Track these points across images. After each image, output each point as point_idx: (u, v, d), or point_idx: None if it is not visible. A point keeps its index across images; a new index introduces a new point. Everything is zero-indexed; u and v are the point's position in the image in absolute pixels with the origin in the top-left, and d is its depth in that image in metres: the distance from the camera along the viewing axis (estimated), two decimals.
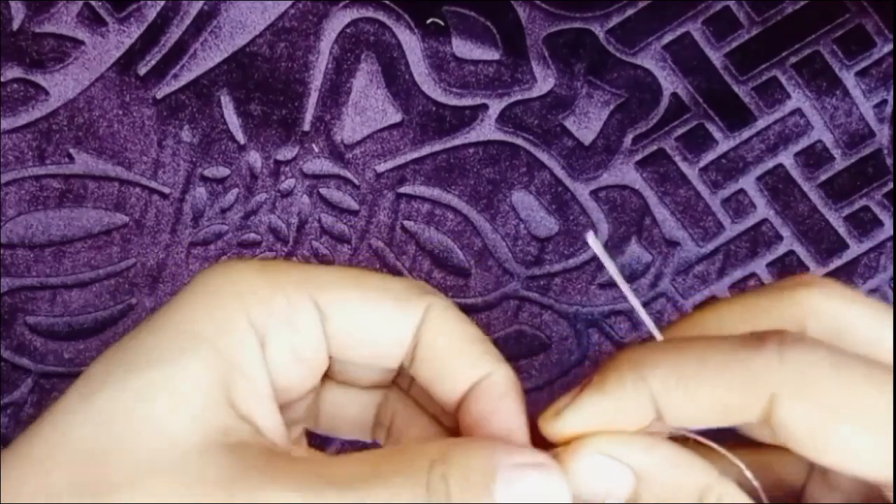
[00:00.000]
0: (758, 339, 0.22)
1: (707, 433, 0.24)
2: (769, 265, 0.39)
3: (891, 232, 0.39)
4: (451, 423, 0.26)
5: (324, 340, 0.24)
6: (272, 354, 0.23)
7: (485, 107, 0.38)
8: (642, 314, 0.27)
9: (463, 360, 0.25)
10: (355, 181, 0.39)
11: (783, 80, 0.37)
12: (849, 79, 0.37)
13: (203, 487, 0.20)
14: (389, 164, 0.38)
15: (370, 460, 0.21)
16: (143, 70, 0.37)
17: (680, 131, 0.38)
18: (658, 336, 0.26)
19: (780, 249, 0.39)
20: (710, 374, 0.23)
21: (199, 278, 0.23)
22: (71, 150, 0.38)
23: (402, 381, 0.28)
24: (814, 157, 0.38)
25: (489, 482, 0.22)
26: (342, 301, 0.24)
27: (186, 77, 0.37)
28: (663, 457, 0.24)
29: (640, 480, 0.24)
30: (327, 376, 0.27)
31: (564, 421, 0.24)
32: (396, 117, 0.38)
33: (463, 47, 0.37)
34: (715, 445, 0.25)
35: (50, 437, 0.21)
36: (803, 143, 0.38)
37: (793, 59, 0.37)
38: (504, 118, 0.38)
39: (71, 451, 0.20)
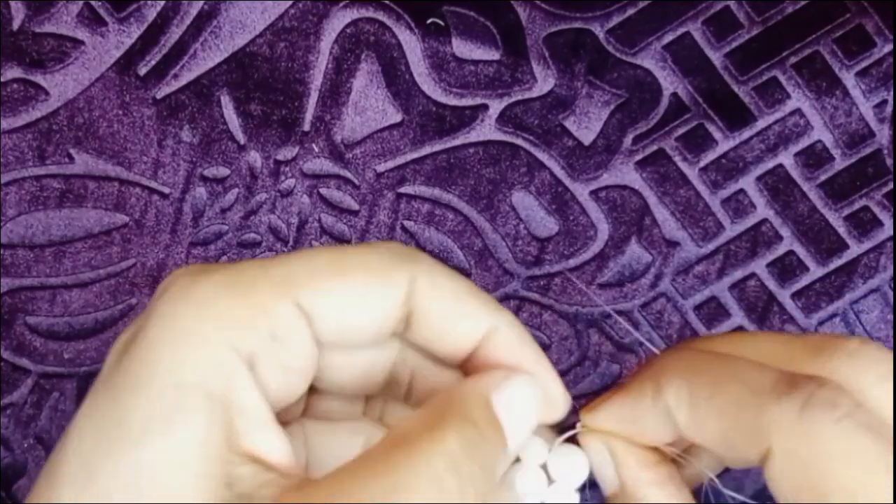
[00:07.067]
0: (789, 384, 0.21)
1: None
2: (769, 265, 0.39)
3: (891, 232, 0.39)
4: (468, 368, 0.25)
5: (312, 342, 0.23)
6: (263, 375, 0.22)
7: (485, 107, 0.38)
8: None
9: (462, 320, 0.24)
10: (355, 181, 0.39)
11: (783, 80, 0.37)
12: (849, 79, 0.37)
13: None
14: (389, 164, 0.38)
15: (380, 470, 0.20)
16: (143, 70, 0.37)
17: (680, 131, 0.38)
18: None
19: (780, 249, 0.39)
20: (721, 405, 0.22)
21: (162, 308, 0.21)
22: (71, 150, 0.38)
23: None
24: (814, 158, 0.38)
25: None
26: (324, 293, 0.22)
27: (186, 77, 0.37)
28: (648, 479, 0.25)
29: (623, 487, 0.26)
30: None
31: (594, 418, 0.26)
32: (396, 117, 0.38)
33: (463, 47, 0.37)
34: (699, 467, 0.26)
35: None
36: (803, 143, 0.38)
37: (793, 59, 0.37)
38: (504, 118, 0.38)
39: None
